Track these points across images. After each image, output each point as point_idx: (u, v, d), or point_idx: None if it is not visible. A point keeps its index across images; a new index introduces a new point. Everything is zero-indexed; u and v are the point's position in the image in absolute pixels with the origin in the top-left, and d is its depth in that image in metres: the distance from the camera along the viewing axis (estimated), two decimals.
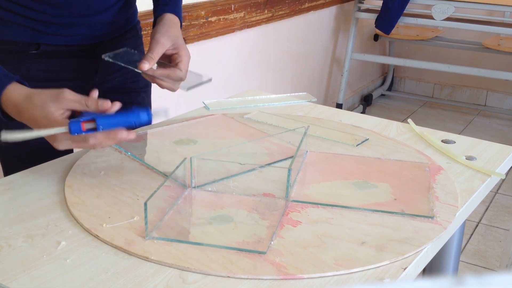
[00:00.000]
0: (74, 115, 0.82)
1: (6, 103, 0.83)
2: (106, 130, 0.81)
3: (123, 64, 1.01)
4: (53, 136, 0.81)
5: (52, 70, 1.04)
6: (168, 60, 1.01)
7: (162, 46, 0.98)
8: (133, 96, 1.18)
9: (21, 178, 0.89)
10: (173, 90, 0.99)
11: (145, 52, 0.99)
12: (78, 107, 0.82)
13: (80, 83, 1.08)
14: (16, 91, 0.83)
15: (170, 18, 1.06)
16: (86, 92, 1.09)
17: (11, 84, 0.84)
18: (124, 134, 0.81)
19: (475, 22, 3.04)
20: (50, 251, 0.70)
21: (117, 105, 0.82)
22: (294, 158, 0.85)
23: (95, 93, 0.85)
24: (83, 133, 0.79)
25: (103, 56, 1.01)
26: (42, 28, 0.99)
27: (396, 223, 0.77)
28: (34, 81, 0.91)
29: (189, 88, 0.99)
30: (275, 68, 2.88)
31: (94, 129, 0.80)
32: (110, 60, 1.01)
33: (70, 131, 0.79)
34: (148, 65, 0.95)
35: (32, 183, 0.88)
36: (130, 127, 0.83)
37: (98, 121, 0.79)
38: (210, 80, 1.01)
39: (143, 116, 0.81)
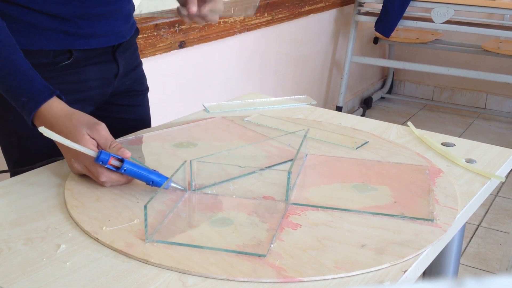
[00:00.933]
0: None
1: (43, 115, 0.85)
2: (124, 175, 0.84)
3: (162, 15, 1.06)
4: (75, 155, 0.84)
5: (81, 80, 1.04)
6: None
7: None
8: (139, 98, 1.20)
9: (21, 181, 0.89)
10: (215, 21, 1.08)
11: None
12: (102, 143, 0.84)
13: (103, 90, 1.09)
14: (58, 106, 0.86)
15: None
16: (106, 97, 1.10)
17: (53, 98, 0.86)
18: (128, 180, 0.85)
19: (475, 25, 3.04)
20: (50, 254, 0.70)
21: (129, 155, 0.84)
22: (294, 161, 0.85)
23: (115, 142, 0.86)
24: (106, 166, 0.82)
25: (136, 14, 1.04)
26: (72, 29, 0.98)
27: (396, 226, 0.77)
28: (65, 94, 0.89)
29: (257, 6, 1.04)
30: (275, 71, 2.88)
31: (116, 168, 0.82)
32: (147, 12, 1.04)
33: (97, 158, 0.81)
34: (195, 7, 1.01)
35: (32, 186, 0.88)
36: (146, 182, 0.85)
37: (125, 164, 0.82)
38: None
39: (162, 181, 0.84)
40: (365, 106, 3.71)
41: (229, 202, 0.82)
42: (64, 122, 0.84)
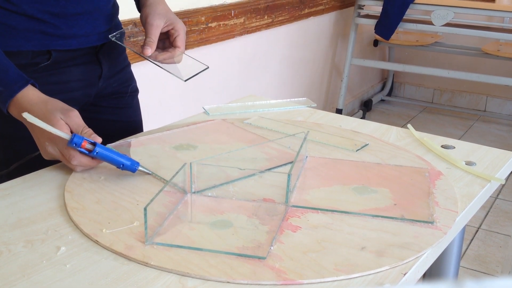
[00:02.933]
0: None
1: (19, 102, 0.89)
2: (94, 158, 0.89)
3: (128, 48, 1.06)
4: (50, 139, 0.88)
5: (62, 81, 1.04)
6: (165, 37, 1.05)
7: (157, 27, 1.02)
8: (127, 100, 1.20)
9: (21, 183, 0.89)
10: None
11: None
12: (74, 129, 0.88)
13: (86, 91, 1.09)
14: (33, 94, 0.90)
15: None
16: (91, 99, 1.10)
17: (27, 86, 0.90)
18: (94, 164, 0.90)
19: (475, 28, 3.04)
20: (50, 257, 0.70)
21: (100, 140, 0.89)
22: (294, 163, 0.85)
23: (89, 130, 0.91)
24: (79, 149, 0.86)
25: (110, 36, 1.04)
26: (50, 29, 0.98)
27: (396, 228, 0.77)
28: (47, 95, 0.92)
29: (187, 79, 1.04)
30: (275, 73, 2.88)
31: (88, 151, 0.87)
32: (117, 41, 1.04)
33: (71, 141, 0.85)
34: (150, 50, 1.00)
35: (32, 188, 0.88)
36: (116, 166, 0.90)
37: (97, 147, 0.87)
38: (207, 68, 1.04)
39: (132, 165, 0.90)
40: (365, 108, 3.71)
41: (229, 204, 0.82)
42: (40, 108, 0.88)
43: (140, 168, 0.90)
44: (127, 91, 1.19)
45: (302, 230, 0.75)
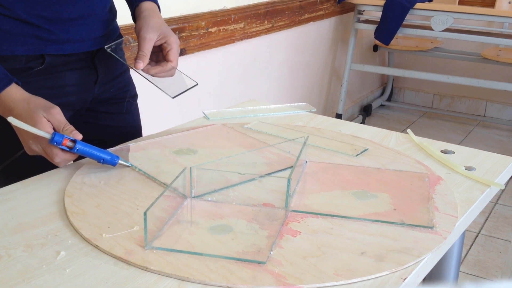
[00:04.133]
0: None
1: (2, 99, 0.91)
2: (76, 155, 0.91)
3: (121, 60, 1.06)
4: (33, 137, 0.90)
5: (57, 86, 1.04)
6: (158, 50, 1.05)
7: (150, 40, 1.01)
8: (126, 106, 1.19)
9: (21, 187, 0.90)
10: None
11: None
12: (56, 126, 0.90)
13: (82, 96, 1.08)
14: (17, 92, 0.92)
15: (149, 7, 1.07)
16: (87, 104, 1.10)
17: (11, 85, 0.92)
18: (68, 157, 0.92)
19: (474, 33, 3.05)
20: (50, 261, 0.69)
21: (80, 136, 0.91)
22: (294, 168, 0.85)
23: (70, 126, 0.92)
24: (60, 147, 0.88)
25: (105, 47, 1.04)
26: (44, 34, 0.98)
27: (396, 233, 0.77)
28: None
29: (175, 96, 1.04)
30: (275, 78, 2.89)
31: (69, 149, 0.89)
32: (112, 53, 1.04)
33: (51, 139, 0.87)
34: (142, 64, 1.00)
35: (32, 192, 0.88)
36: (97, 161, 0.93)
37: (77, 144, 0.89)
38: (196, 84, 1.04)
39: (112, 159, 0.94)
40: (365, 113, 3.71)
41: (229, 209, 0.82)
42: (23, 107, 0.90)
43: (120, 161, 0.94)
44: (126, 97, 1.19)
45: (302, 235, 0.75)
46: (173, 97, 1.03)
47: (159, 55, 1.06)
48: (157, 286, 0.65)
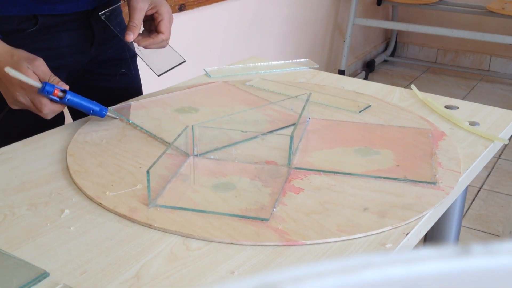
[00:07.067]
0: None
1: None
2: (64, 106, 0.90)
3: (114, 30, 1.03)
4: (21, 88, 0.87)
5: (51, 47, 1.02)
6: (150, 19, 1.03)
7: (141, 10, 0.99)
8: (124, 66, 1.17)
9: (23, 146, 0.89)
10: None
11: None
12: (41, 77, 0.88)
13: (78, 58, 1.07)
14: None
15: None
16: (83, 66, 1.08)
17: None
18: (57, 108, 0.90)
19: None
20: (54, 219, 0.70)
21: (67, 87, 0.89)
22: (296, 125, 0.84)
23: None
24: (50, 97, 0.87)
25: (100, 14, 1.01)
26: None
27: (398, 189, 0.77)
28: None
29: (161, 74, 1.03)
30: (277, 35, 2.85)
31: (59, 99, 0.87)
32: (105, 21, 1.02)
33: (42, 89, 0.85)
34: (132, 36, 0.98)
35: (33, 152, 0.88)
36: (86, 112, 0.93)
37: (68, 94, 0.88)
38: (183, 61, 1.03)
39: (101, 111, 0.94)
40: (368, 69, 3.68)
41: (232, 167, 0.82)
42: (6, 59, 0.88)
43: (108, 113, 0.95)
44: (125, 58, 1.17)
45: (304, 192, 0.76)
46: (159, 75, 1.02)
47: (151, 24, 1.03)
48: (161, 243, 0.65)
